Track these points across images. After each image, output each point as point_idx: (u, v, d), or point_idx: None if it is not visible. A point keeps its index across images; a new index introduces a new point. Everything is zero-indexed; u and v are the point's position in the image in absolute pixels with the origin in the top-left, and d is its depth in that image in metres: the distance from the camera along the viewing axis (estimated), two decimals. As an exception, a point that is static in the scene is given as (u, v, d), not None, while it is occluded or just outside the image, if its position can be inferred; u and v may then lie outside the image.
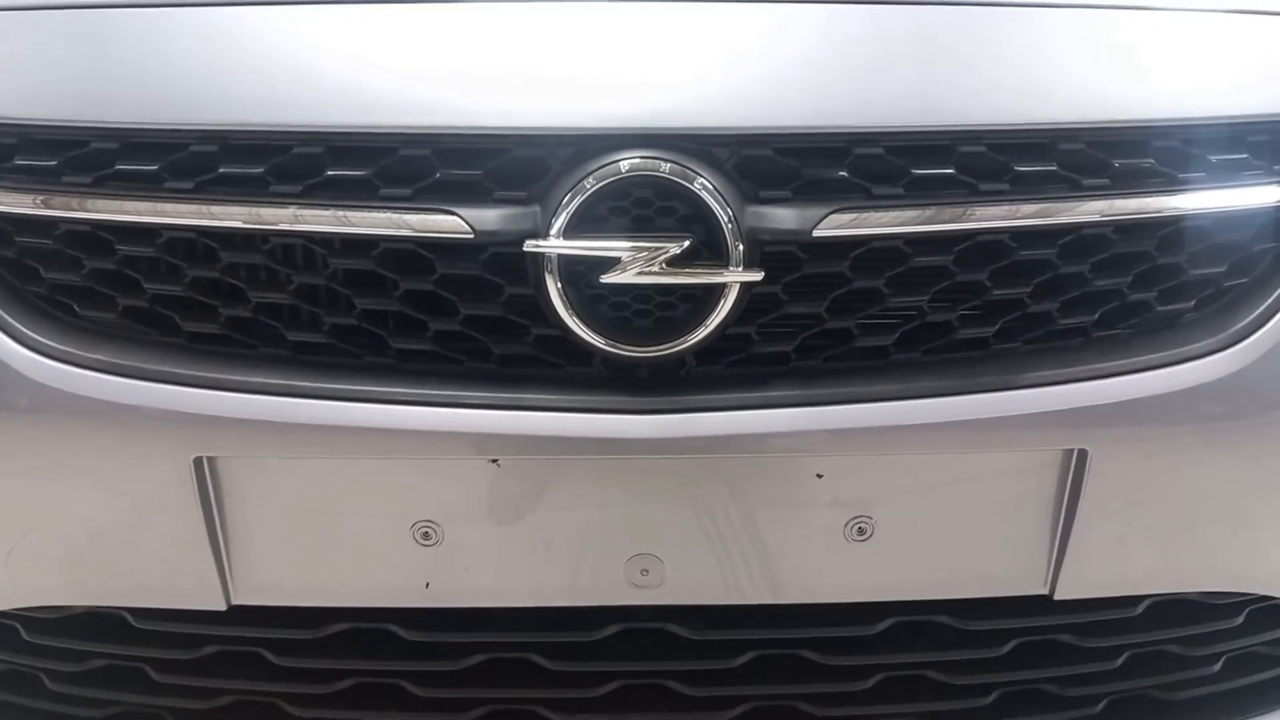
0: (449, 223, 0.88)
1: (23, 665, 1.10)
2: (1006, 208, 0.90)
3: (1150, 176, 0.92)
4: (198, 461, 0.91)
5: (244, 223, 0.89)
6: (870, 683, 1.06)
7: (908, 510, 0.96)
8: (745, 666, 1.04)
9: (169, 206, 0.89)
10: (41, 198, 0.91)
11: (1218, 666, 1.13)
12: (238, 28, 0.91)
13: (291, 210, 0.89)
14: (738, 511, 0.95)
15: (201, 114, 0.89)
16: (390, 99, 0.88)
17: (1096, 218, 0.91)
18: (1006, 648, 1.06)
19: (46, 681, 1.11)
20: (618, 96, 0.88)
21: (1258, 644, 1.13)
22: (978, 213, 0.90)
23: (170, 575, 0.97)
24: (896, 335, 0.92)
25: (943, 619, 1.04)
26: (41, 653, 1.08)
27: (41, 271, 0.93)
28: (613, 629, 1.02)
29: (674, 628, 1.03)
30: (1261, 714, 1.16)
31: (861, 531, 0.96)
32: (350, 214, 0.89)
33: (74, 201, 0.91)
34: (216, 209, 0.89)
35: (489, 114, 0.87)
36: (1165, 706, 1.14)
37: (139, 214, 0.90)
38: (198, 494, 0.92)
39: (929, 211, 0.89)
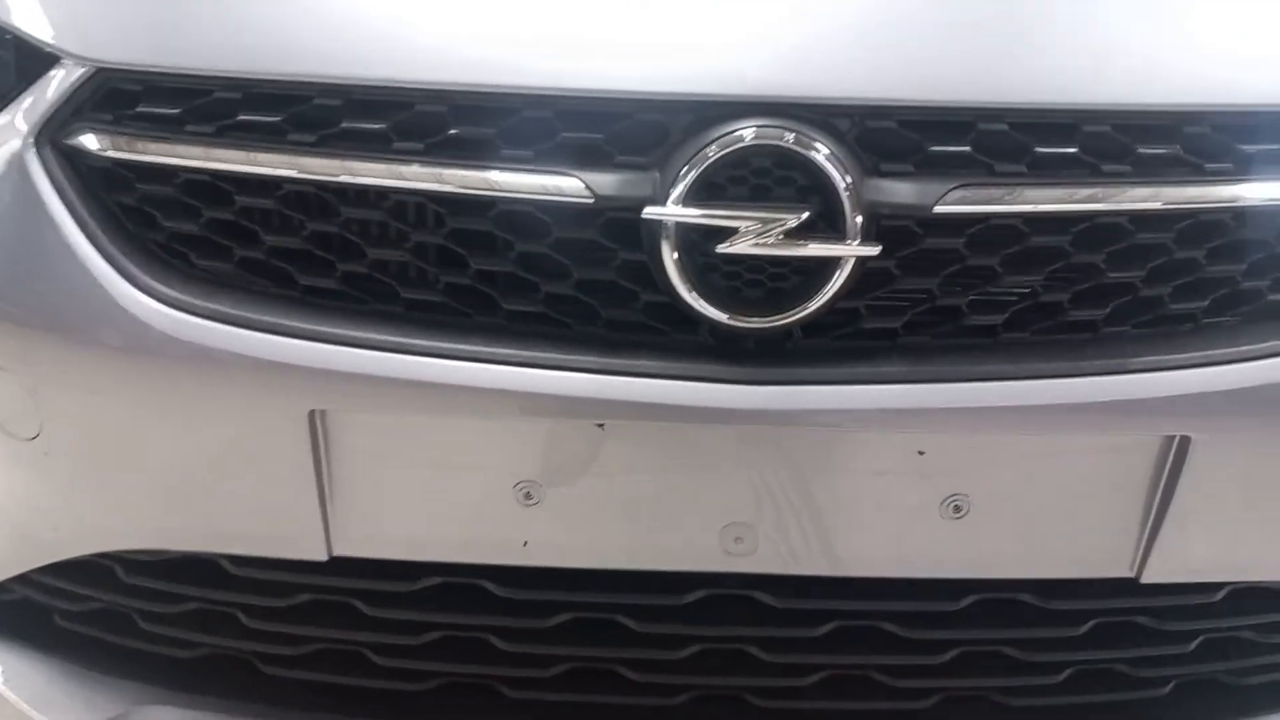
0: (569, 185, 0.88)
1: (117, 604, 1.13)
2: (1128, 190, 0.90)
3: (1275, 162, 0.92)
4: (312, 414, 0.93)
5: (365, 178, 0.90)
6: (947, 657, 1.08)
7: (1004, 489, 0.97)
8: (826, 636, 1.06)
9: (291, 159, 0.90)
10: (162, 145, 0.92)
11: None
12: None
13: (413, 168, 0.89)
14: (836, 484, 0.96)
15: (326, 67, 0.89)
16: (516, 60, 0.88)
17: (1218, 204, 0.91)
18: (1085, 627, 1.08)
19: (139, 621, 1.13)
20: (741, 63, 0.88)
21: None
22: (1099, 194, 0.89)
23: (275, 524, 0.99)
24: (1007, 315, 0.93)
25: (1025, 597, 1.06)
26: (136, 593, 1.11)
27: (160, 219, 0.94)
28: (699, 594, 1.04)
29: (759, 595, 1.04)
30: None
31: (958, 509, 0.97)
32: (470, 174, 0.89)
33: (195, 151, 0.91)
34: (338, 164, 0.90)
35: (612, 77, 0.87)
36: (1233, 691, 1.15)
37: (260, 165, 0.91)
38: (310, 447, 0.93)
39: (1052, 191, 0.89)
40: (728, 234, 0.88)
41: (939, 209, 0.88)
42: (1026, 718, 1.11)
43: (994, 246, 0.91)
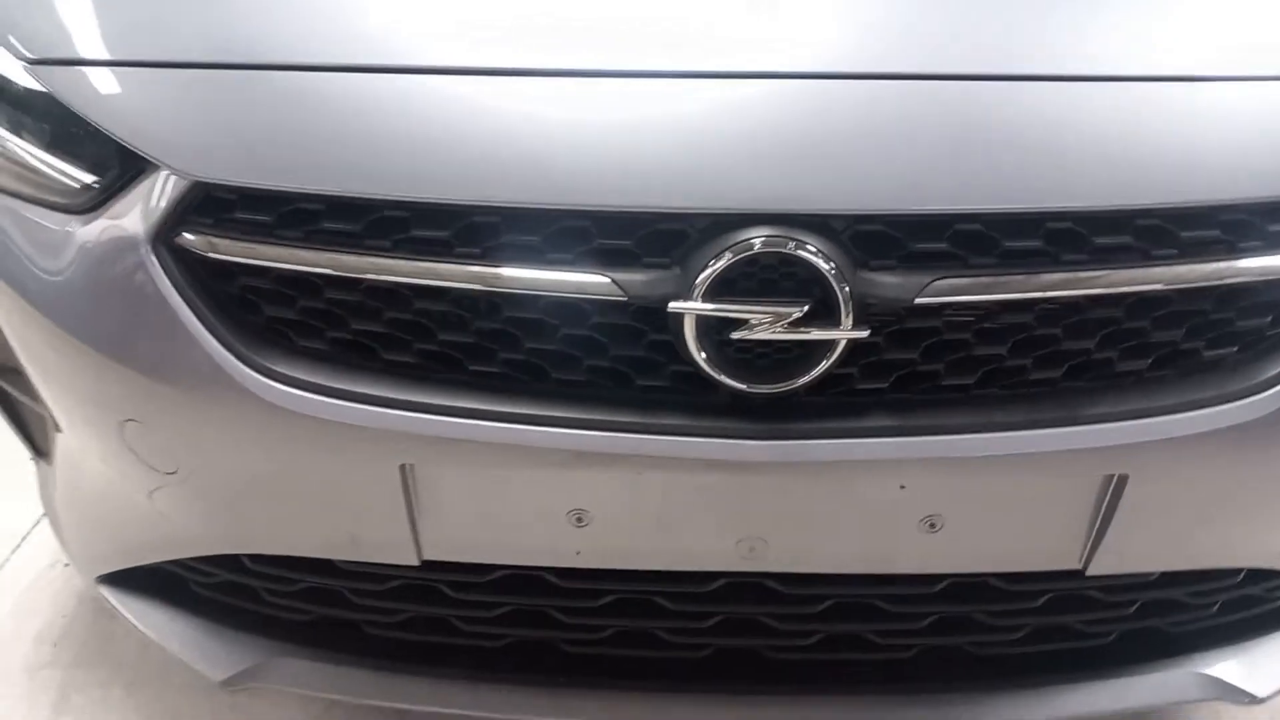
0: (604, 284, 1.04)
1: (245, 583, 1.38)
2: (1087, 275, 1.04)
3: (1213, 244, 1.05)
4: (402, 467, 1.13)
5: (433, 279, 1.06)
6: (926, 623, 1.31)
7: (973, 511, 1.17)
8: (825, 610, 1.29)
9: (370, 261, 1.06)
10: (257, 246, 1.08)
11: (1216, 608, 1.37)
12: (428, 103, 1.04)
13: (473, 268, 1.05)
14: (833, 511, 1.16)
15: (395, 188, 1.03)
16: (557, 181, 1.01)
17: (1163, 286, 1.05)
18: (1042, 600, 1.30)
19: (262, 594, 1.39)
20: (751, 180, 1.01)
21: (1255, 590, 1.36)
22: (1060, 280, 1.04)
23: (377, 540, 1.22)
24: (977, 376, 1.09)
25: (991, 580, 1.27)
26: (260, 576, 1.35)
27: (262, 306, 1.12)
28: (721, 582, 1.27)
29: (770, 583, 1.27)
30: (1250, 639, 1.40)
31: (933, 525, 1.17)
32: (519, 273, 1.04)
33: (286, 252, 1.07)
34: (409, 265, 1.06)
35: (647, 195, 1.01)
36: (1168, 636, 1.38)
37: (343, 268, 1.07)
38: (402, 487, 1.15)
39: (1018, 280, 1.03)
40: (742, 322, 1.04)
41: (920, 300, 1.03)
42: (993, 665, 1.35)
43: (967, 324, 1.07)
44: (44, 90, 1.14)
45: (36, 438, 1.51)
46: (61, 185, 1.15)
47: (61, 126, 1.14)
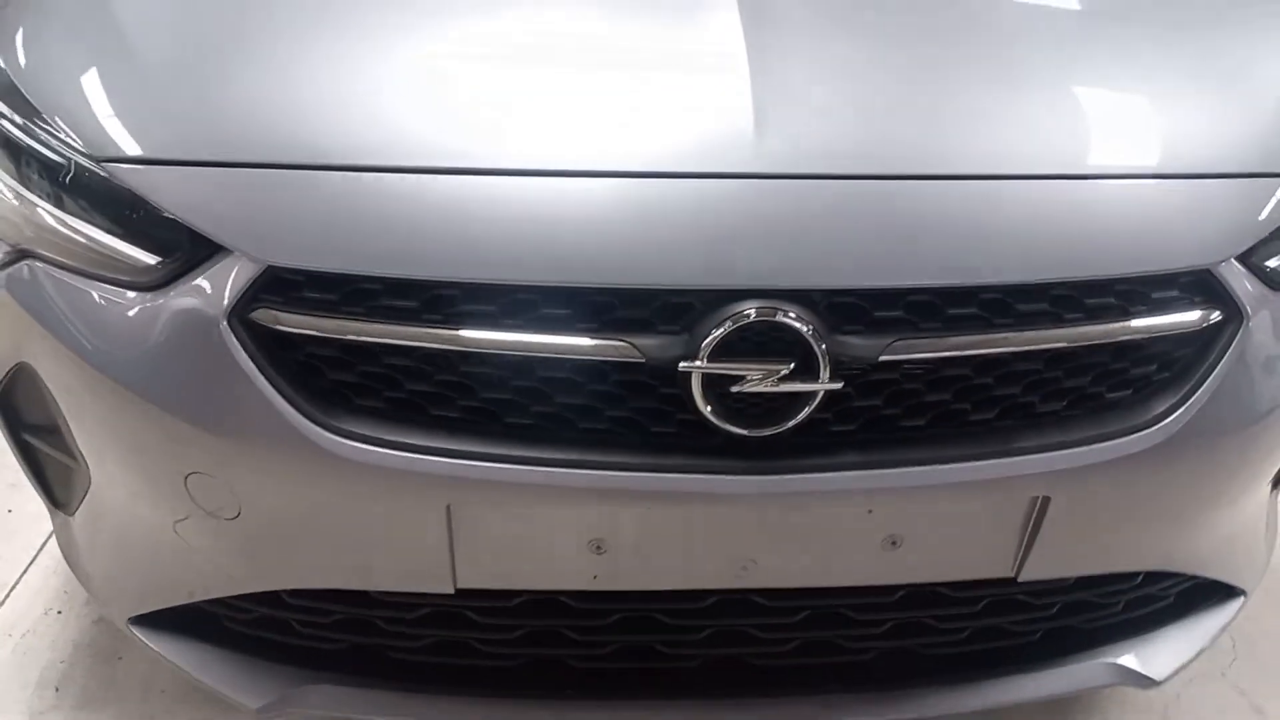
0: (624, 349, 1.24)
1: (280, 616, 1.52)
2: (1015, 334, 1.29)
3: (1110, 309, 1.32)
4: (447, 506, 1.30)
5: (480, 348, 1.25)
6: (884, 628, 1.54)
7: (926, 530, 1.40)
8: (802, 620, 1.51)
9: (425, 332, 1.24)
10: (324, 321, 1.25)
11: (1120, 606, 1.63)
12: (476, 198, 1.23)
13: (513, 336, 1.24)
14: (813, 533, 1.38)
15: (447, 271, 1.22)
16: (591, 263, 1.22)
17: (1072, 343, 1.31)
18: (981, 604, 1.54)
19: (296, 626, 1.53)
20: (746, 262, 1.23)
21: (1151, 590, 1.63)
22: (992, 340, 1.28)
23: (417, 570, 1.38)
24: (929, 418, 1.33)
25: (940, 589, 1.51)
26: (296, 609, 1.50)
27: (326, 372, 1.28)
28: (713, 599, 1.47)
29: (756, 597, 1.48)
30: (1150, 632, 1.66)
31: (894, 543, 1.40)
32: (553, 339, 1.24)
33: (350, 325, 1.25)
34: (459, 335, 1.24)
35: (661, 275, 1.22)
36: (1082, 632, 1.64)
37: (400, 337, 1.25)
38: (445, 523, 1.32)
39: (959, 340, 1.28)
40: (740, 378, 1.25)
41: (883, 357, 1.26)
42: (940, 662, 1.58)
43: (920, 376, 1.30)
44: (120, 183, 1.29)
45: (58, 491, 1.63)
46: (132, 265, 1.30)
47: (132, 214, 1.30)
